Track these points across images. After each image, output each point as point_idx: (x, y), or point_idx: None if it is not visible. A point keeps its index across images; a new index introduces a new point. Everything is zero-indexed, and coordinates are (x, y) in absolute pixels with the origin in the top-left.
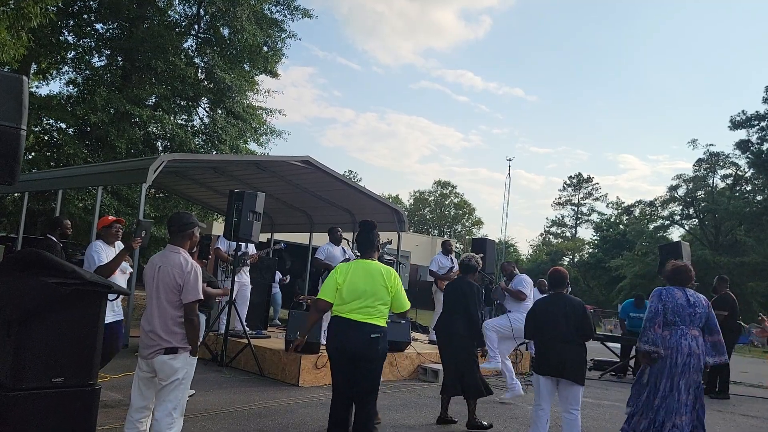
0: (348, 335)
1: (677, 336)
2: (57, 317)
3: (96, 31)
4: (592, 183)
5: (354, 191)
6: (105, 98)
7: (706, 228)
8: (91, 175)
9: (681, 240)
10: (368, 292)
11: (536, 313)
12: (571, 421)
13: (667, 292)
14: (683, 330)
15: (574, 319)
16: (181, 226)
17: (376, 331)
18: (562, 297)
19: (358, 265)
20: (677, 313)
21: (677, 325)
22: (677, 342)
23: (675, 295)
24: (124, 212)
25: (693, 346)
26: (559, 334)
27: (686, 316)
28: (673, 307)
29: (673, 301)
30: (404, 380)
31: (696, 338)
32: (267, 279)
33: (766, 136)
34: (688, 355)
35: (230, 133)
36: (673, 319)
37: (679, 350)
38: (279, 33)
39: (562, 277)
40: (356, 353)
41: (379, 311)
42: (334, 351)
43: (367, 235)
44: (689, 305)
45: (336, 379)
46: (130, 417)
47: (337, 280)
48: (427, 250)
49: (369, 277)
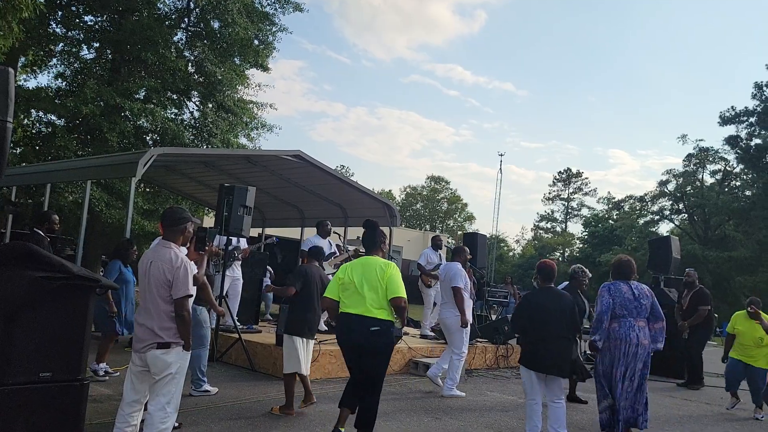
0: (351, 329)
1: (626, 327)
2: (44, 311)
3: (85, 23)
4: (581, 178)
5: (345, 186)
6: (95, 91)
7: (696, 223)
8: (80, 169)
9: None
10: (366, 285)
11: (530, 308)
12: (559, 409)
13: (614, 287)
14: (630, 322)
15: (567, 314)
16: (174, 221)
17: (376, 324)
18: (556, 292)
19: (360, 260)
20: (624, 306)
21: (625, 318)
22: (626, 333)
23: (622, 290)
24: (115, 206)
25: (640, 337)
26: (554, 330)
27: (633, 308)
28: (620, 301)
29: (621, 296)
30: (395, 374)
31: (642, 329)
32: (258, 274)
33: (755, 132)
34: (636, 345)
35: (221, 127)
36: (621, 312)
37: (628, 341)
38: (270, 27)
39: (552, 270)
40: (359, 345)
41: (378, 303)
42: (343, 344)
43: (371, 234)
44: (635, 298)
45: (349, 368)
46: (121, 411)
47: (339, 276)
48: (419, 245)
49: (368, 272)
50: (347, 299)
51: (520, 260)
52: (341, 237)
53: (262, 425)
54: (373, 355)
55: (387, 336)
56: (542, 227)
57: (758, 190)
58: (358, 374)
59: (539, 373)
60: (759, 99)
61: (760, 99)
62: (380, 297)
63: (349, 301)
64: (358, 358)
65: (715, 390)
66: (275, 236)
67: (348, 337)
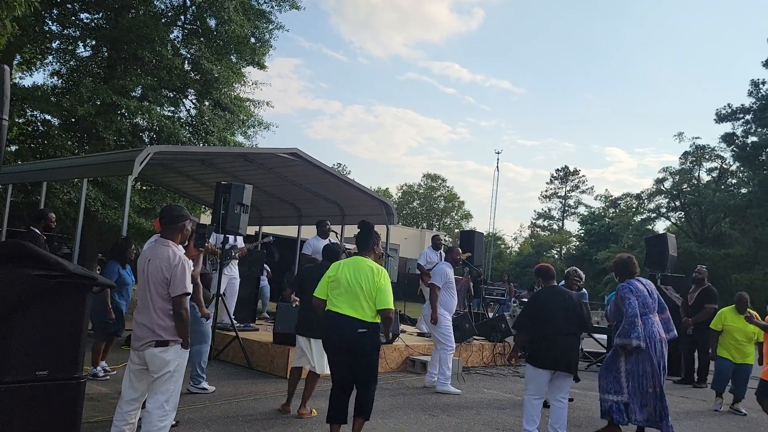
0: (339, 328)
1: (649, 325)
2: (41, 310)
3: (81, 21)
4: (578, 176)
5: (342, 184)
6: (91, 89)
7: (692, 220)
8: (77, 167)
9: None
10: (355, 285)
11: (536, 307)
12: (562, 409)
13: (634, 287)
14: (652, 319)
15: (573, 312)
16: (172, 218)
17: (363, 326)
18: (560, 290)
19: (351, 260)
20: (645, 304)
21: (647, 315)
22: (650, 330)
23: (639, 288)
24: (111, 205)
25: (661, 332)
26: (560, 327)
27: (650, 304)
28: (642, 300)
29: (641, 294)
30: (393, 372)
31: (658, 324)
32: (255, 272)
33: (751, 130)
34: (660, 340)
35: (218, 125)
36: (643, 310)
37: (653, 338)
38: (266, 24)
39: (550, 270)
40: (348, 345)
41: (366, 306)
42: (329, 344)
43: (365, 235)
44: (649, 295)
45: (333, 370)
46: (120, 409)
47: (329, 275)
48: (416, 243)
49: (357, 272)
50: (336, 298)
51: (517, 258)
52: (338, 235)
53: (258, 423)
54: (361, 356)
55: (374, 338)
56: (539, 225)
57: (754, 187)
58: (347, 374)
59: (547, 371)
60: (755, 96)
61: (757, 96)
62: (369, 301)
63: (338, 300)
64: (347, 358)
65: None
66: (272, 235)
67: (336, 337)
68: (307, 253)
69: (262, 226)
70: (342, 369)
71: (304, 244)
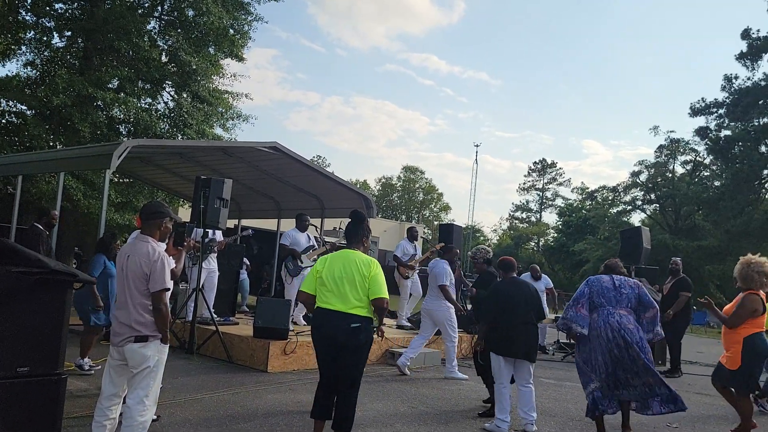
0: (330, 324)
1: (604, 315)
2: (22, 306)
3: (55, 11)
4: (556, 168)
5: (322, 177)
6: (66, 80)
7: (666, 213)
8: (53, 160)
9: (641, 225)
10: (345, 279)
11: (499, 297)
12: (528, 392)
13: (595, 279)
14: (609, 310)
15: (532, 302)
16: (149, 214)
17: (356, 321)
18: (521, 282)
19: (339, 254)
20: (602, 295)
21: (603, 306)
22: (604, 320)
23: (602, 280)
24: (90, 196)
25: (623, 322)
26: (521, 316)
27: (611, 297)
28: (598, 290)
29: (599, 285)
30: (372, 365)
31: (626, 315)
32: (234, 266)
33: (724, 124)
34: (618, 330)
35: (196, 118)
36: (599, 301)
37: (608, 326)
38: (245, 16)
39: (512, 263)
40: (339, 342)
41: (358, 300)
42: (319, 340)
43: (356, 227)
44: (614, 288)
45: (321, 367)
46: (99, 405)
47: (317, 269)
48: (395, 236)
49: (347, 266)
50: (325, 294)
51: (496, 250)
52: (318, 229)
53: (240, 416)
54: (353, 351)
55: (368, 332)
56: (517, 217)
57: (727, 180)
58: (335, 372)
59: (508, 359)
60: (728, 91)
61: (730, 91)
62: (361, 294)
63: (328, 296)
64: (336, 354)
65: (693, 378)
66: (251, 228)
67: (326, 333)
68: (285, 243)
69: (241, 219)
70: (331, 365)
71: (283, 235)
